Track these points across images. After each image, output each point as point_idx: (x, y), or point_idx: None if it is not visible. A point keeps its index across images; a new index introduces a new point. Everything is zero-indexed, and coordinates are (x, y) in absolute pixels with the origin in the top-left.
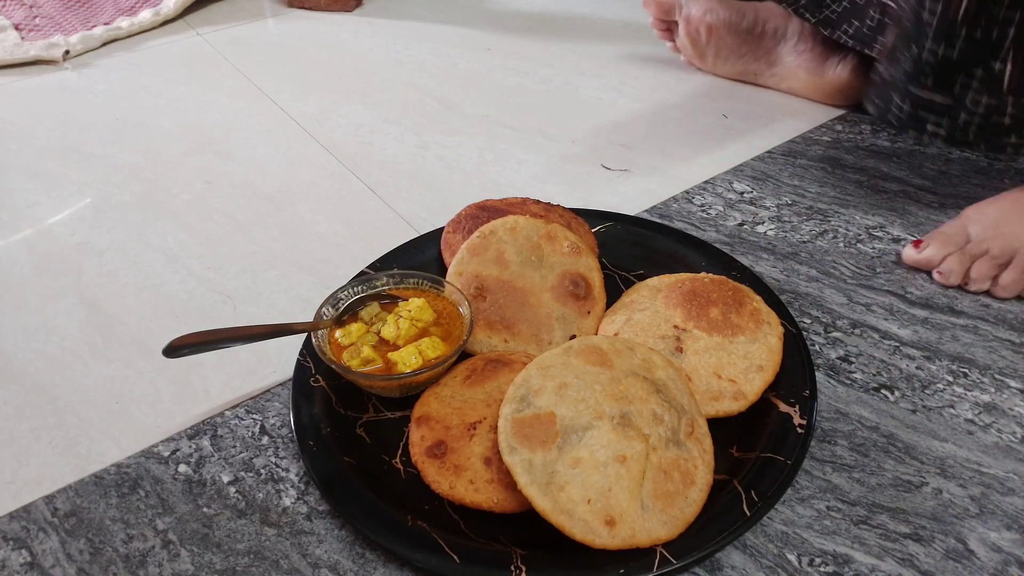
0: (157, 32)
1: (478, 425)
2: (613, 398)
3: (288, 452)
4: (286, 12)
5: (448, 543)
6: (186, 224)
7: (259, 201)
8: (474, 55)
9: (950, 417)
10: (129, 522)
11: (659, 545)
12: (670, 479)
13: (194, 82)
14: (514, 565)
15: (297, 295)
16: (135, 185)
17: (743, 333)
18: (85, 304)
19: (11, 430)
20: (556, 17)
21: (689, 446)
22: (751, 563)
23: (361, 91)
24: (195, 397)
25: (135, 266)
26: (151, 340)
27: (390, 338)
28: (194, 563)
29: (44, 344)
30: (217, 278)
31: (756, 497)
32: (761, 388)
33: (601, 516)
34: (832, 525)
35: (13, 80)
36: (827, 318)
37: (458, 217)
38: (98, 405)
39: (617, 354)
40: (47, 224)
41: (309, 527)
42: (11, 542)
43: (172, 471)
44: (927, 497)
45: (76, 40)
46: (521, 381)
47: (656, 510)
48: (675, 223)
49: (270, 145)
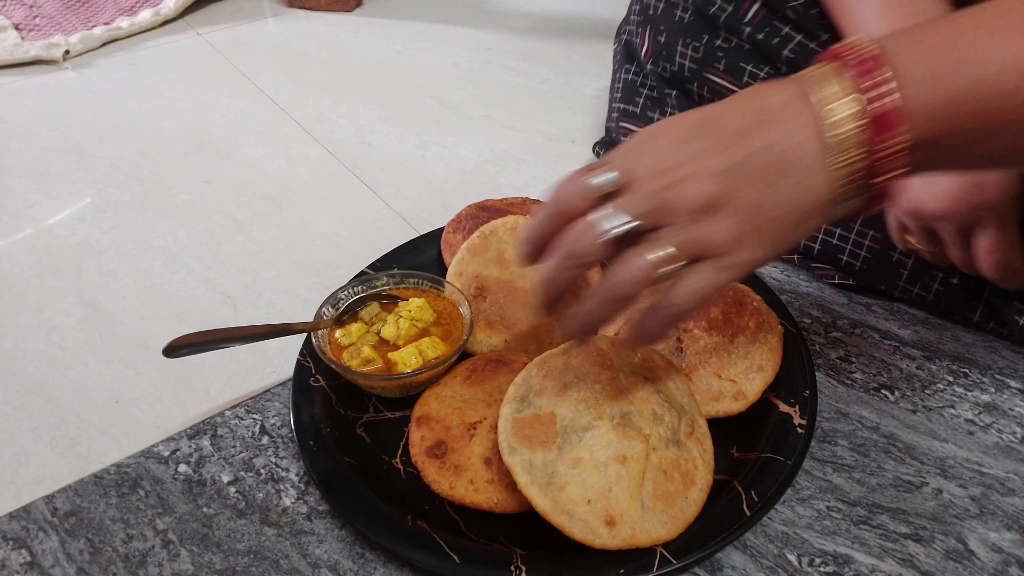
0: (157, 32)
1: (478, 425)
2: (613, 398)
3: (288, 452)
4: (286, 12)
5: (448, 543)
6: (186, 224)
7: (259, 201)
8: (474, 55)
9: (950, 417)
10: (129, 522)
11: (659, 545)
12: (670, 479)
13: (194, 82)
14: (514, 565)
15: (297, 295)
16: (135, 185)
17: (743, 333)
18: (85, 304)
19: (11, 430)
20: (556, 17)
21: (689, 446)
22: (751, 563)
23: (361, 91)
24: (195, 397)
25: (135, 266)
26: (151, 340)
27: (390, 338)
28: (194, 563)
29: (44, 344)
30: (217, 278)
31: (756, 497)
32: (761, 388)
33: (601, 516)
34: (832, 525)
35: (13, 80)
36: (827, 318)
37: (458, 217)
38: (98, 405)
39: (617, 354)
40: (47, 224)
41: (309, 527)
42: (11, 542)
43: (172, 471)
44: (927, 497)
45: (76, 40)
46: (521, 381)
47: (656, 510)
48: None
49: (270, 145)
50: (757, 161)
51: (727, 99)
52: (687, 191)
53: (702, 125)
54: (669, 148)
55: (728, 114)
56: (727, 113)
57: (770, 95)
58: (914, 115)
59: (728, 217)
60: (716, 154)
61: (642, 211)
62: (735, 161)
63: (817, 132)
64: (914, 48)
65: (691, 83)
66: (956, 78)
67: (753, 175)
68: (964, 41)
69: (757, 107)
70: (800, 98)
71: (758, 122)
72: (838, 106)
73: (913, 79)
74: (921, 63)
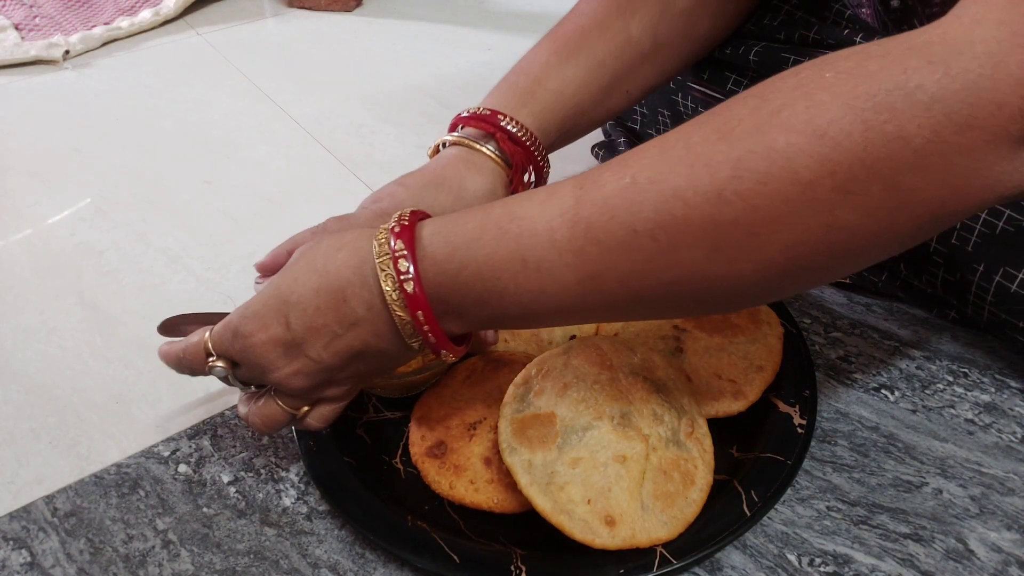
0: (157, 32)
1: (478, 425)
2: (613, 398)
3: (288, 452)
4: (286, 12)
5: (448, 543)
6: (186, 224)
7: (259, 201)
8: (474, 55)
9: (950, 417)
10: (129, 522)
11: (659, 545)
12: (670, 479)
13: (194, 82)
14: (514, 565)
15: None
16: (135, 185)
17: (743, 333)
18: (85, 304)
19: (11, 430)
20: (556, 17)
21: (689, 446)
22: (751, 563)
23: (361, 91)
24: (195, 397)
25: (135, 266)
26: (151, 340)
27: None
28: (194, 563)
29: (44, 344)
30: (217, 278)
31: (756, 497)
32: (761, 388)
33: (601, 516)
34: (832, 525)
35: (13, 80)
36: (827, 318)
37: None
38: (98, 405)
39: (617, 354)
40: (47, 224)
41: (309, 527)
42: (11, 542)
43: (172, 471)
44: (927, 497)
45: (76, 40)
46: (521, 381)
47: (656, 510)
48: None
49: (270, 145)
50: (352, 358)
51: (299, 267)
52: (293, 384)
53: (289, 329)
54: (268, 358)
55: (306, 302)
56: (304, 300)
57: (337, 269)
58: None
59: (337, 385)
60: (313, 366)
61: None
62: (329, 365)
63: (388, 315)
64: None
65: (675, 94)
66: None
67: (351, 363)
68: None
69: (331, 291)
70: (365, 276)
71: (341, 323)
72: (390, 287)
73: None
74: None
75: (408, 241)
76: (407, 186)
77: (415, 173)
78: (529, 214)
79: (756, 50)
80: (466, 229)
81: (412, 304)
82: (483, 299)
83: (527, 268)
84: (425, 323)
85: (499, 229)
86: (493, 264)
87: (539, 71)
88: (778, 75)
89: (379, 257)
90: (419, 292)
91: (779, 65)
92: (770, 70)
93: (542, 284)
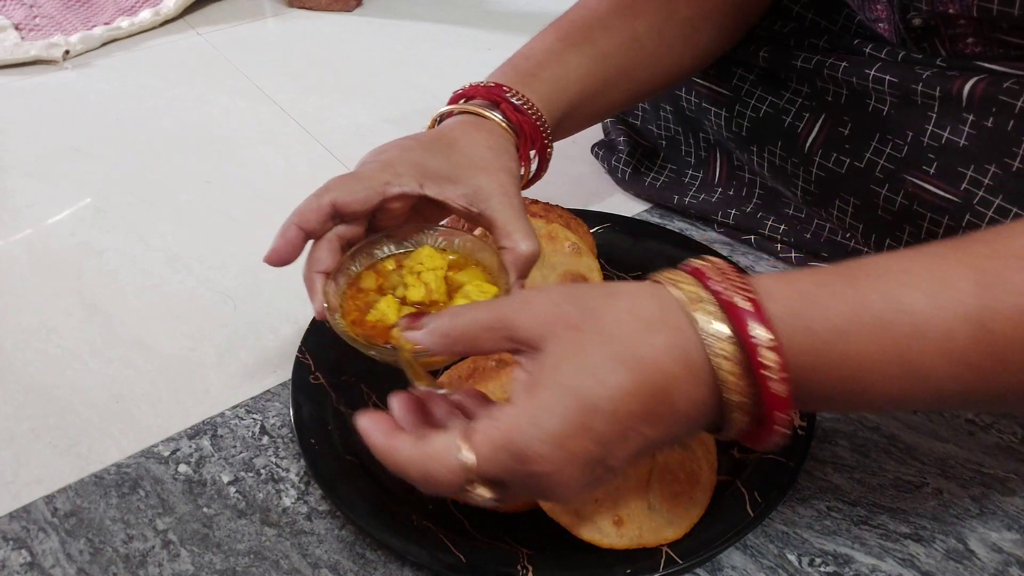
0: (157, 32)
1: None
2: None
3: (288, 452)
4: (286, 12)
5: (454, 542)
6: (186, 224)
7: (259, 201)
8: (474, 55)
9: (951, 417)
10: (129, 522)
11: (665, 545)
12: (676, 479)
13: (194, 82)
14: (520, 564)
15: (297, 295)
16: (135, 185)
17: None
18: (85, 304)
19: (11, 430)
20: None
21: (693, 447)
22: (751, 563)
23: (361, 91)
24: (195, 397)
25: (135, 266)
26: (151, 340)
27: (420, 300)
28: (194, 563)
29: (44, 344)
30: (217, 278)
31: (759, 498)
32: None
33: (609, 516)
34: (833, 525)
35: (13, 80)
36: None
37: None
38: (98, 405)
39: None
40: (47, 224)
41: (309, 527)
42: (11, 542)
43: (172, 471)
44: (927, 497)
45: (76, 40)
46: None
47: (663, 510)
48: (674, 223)
49: (270, 145)
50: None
51: (593, 357)
52: (557, 494)
53: (597, 444)
54: (560, 482)
55: (618, 407)
56: (618, 405)
57: (656, 360)
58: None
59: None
60: (601, 473)
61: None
62: (616, 469)
63: (719, 408)
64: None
65: (679, 89)
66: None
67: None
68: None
69: (653, 391)
70: (697, 370)
71: (655, 424)
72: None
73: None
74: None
75: (765, 323)
76: (415, 139)
77: (420, 133)
78: (916, 307)
79: (766, 47)
80: (833, 314)
81: (772, 404)
82: (833, 397)
83: (904, 372)
84: (776, 423)
85: (878, 322)
86: (865, 365)
87: (542, 56)
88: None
89: (719, 341)
90: (787, 393)
91: (789, 65)
92: (780, 69)
93: (914, 389)
